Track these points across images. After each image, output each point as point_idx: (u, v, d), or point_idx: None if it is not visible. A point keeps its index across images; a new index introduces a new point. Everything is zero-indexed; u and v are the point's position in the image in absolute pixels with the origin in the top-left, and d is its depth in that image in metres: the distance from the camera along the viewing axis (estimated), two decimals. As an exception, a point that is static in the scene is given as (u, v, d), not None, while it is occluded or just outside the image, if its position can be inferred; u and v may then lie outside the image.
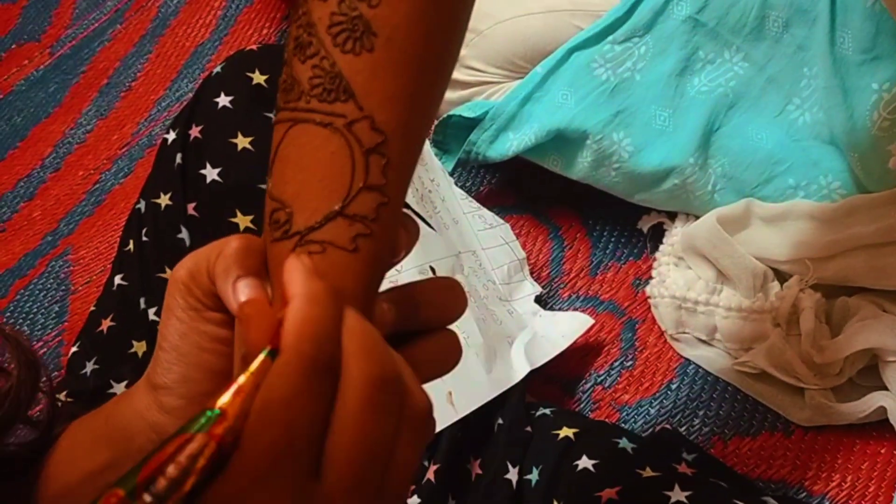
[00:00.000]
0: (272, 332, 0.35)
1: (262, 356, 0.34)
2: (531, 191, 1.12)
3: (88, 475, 0.55)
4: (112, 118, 1.34)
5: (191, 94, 1.32)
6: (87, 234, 1.24)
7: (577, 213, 1.10)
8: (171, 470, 0.32)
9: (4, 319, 1.16)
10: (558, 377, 0.99)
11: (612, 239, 1.07)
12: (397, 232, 0.42)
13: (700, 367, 0.98)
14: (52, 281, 1.20)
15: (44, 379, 0.57)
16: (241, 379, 0.34)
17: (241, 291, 0.39)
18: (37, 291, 1.20)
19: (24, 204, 1.28)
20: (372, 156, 0.39)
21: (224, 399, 0.33)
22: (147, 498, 0.31)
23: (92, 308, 0.86)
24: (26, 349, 0.58)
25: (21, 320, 1.17)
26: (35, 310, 1.19)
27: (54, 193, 1.29)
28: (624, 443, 0.82)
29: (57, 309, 1.18)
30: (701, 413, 0.95)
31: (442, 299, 0.43)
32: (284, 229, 0.39)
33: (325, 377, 0.34)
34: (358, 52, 0.39)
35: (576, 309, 1.02)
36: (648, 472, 0.77)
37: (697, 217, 0.98)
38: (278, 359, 0.34)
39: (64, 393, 0.80)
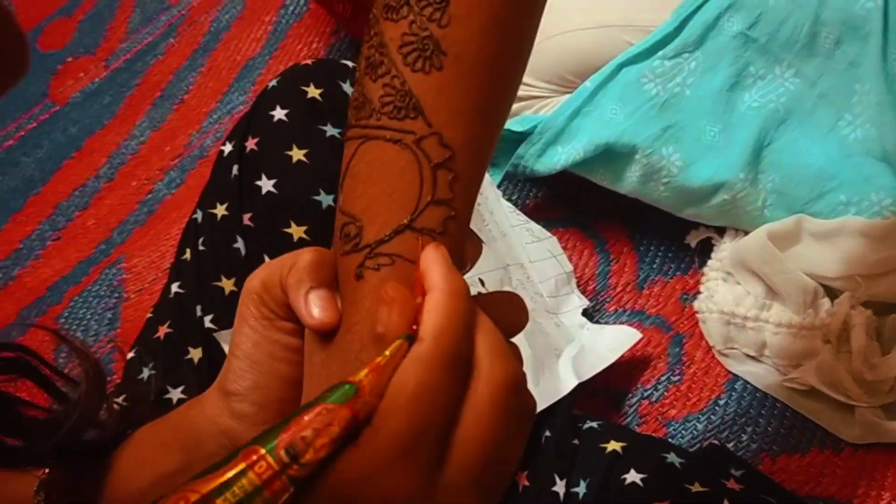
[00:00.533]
0: (411, 319, 0.36)
1: (400, 340, 0.36)
2: (578, 204, 1.12)
3: (160, 477, 0.56)
4: (165, 130, 1.37)
5: (242, 108, 1.36)
6: (139, 242, 1.26)
7: (624, 227, 1.10)
8: (309, 434, 0.34)
9: (59, 325, 1.19)
10: (605, 391, 0.99)
11: (659, 253, 1.07)
12: (464, 245, 0.43)
13: (748, 382, 0.97)
14: (105, 288, 1.23)
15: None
16: (379, 358, 0.36)
17: (313, 303, 0.40)
18: (90, 298, 1.22)
19: (78, 213, 1.31)
20: (440, 171, 0.40)
21: (362, 375, 0.35)
22: (285, 457, 0.33)
23: (149, 315, 0.87)
24: (92, 359, 0.60)
25: (75, 326, 1.20)
26: (89, 316, 1.21)
27: (108, 203, 1.31)
28: (672, 457, 0.81)
29: (110, 316, 1.21)
30: (749, 429, 0.95)
31: (504, 313, 0.44)
32: (354, 242, 0.41)
33: (459, 371, 0.36)
34: (427, 71, 0.40)
35: (622, 323, 1.02)
36: (697, 488, 0.77)
37: (746, 232, 0.98)
38: (418, 346, 0.36)
39: (122, 397, 0.82)
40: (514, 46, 0.43)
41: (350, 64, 0.88)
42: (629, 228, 1.10)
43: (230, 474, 0.33)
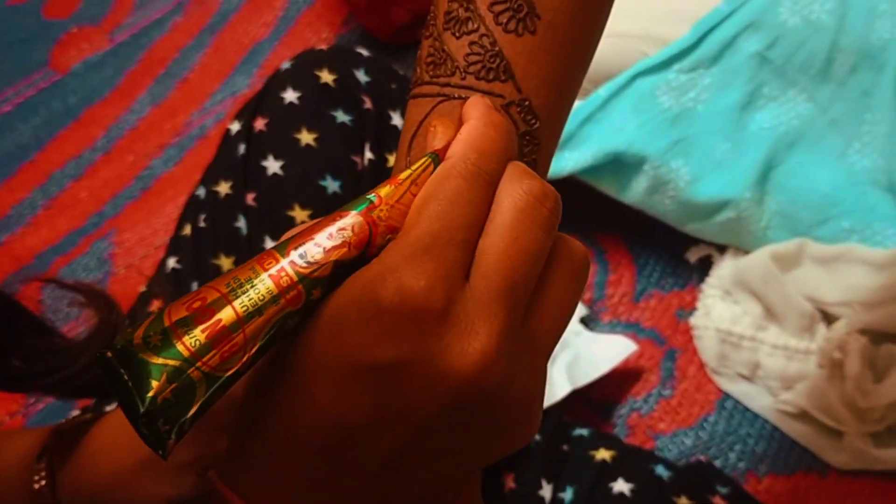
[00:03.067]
0: (446, 146, 0.36)
1: (424, 158, 0.35)
2: (579, 212, 1.12)
3: (143, 460, 0.56)
4: (165, 107, 1.36)
5: (245, 90, 1.35)
6: (132, 217, 1.25)
7: (624, 238, 1.10)
8: (322, 238, 0.33)
9: (44, 296, 1.17)
10: (595, 399, 0.99)
11: (658, 267, 1.07)
12: None
13: (739, 402, 0.97)
14: (94, 261, 1.21)
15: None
16: (401, 175, 0.35)
17: None
18: (78, 270, 1.21)
19: (71, 182, 1.29)
20: (525, 139, 0.39)
21: (382, 189, 0.34)
22: (299, 261, 0.32)
23: (142, 289, 0.86)
24: (102, 293, 0.59)
25: (60, 297, 1.18)
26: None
27: (102, 176, 1.30)
28: (660, 470, 0.81)
29: (96, 289, 1.19)
30: (737, 448, 0.95)
31: None
32: None
33: (485, 187, 0.34)
34: (520, 34, 0.39)
35: (616, 334, 1.02)
36: (684, 501, 0.77)
37: (747, 252, 0.98)
38: (445, 161, 0.35)
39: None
40: (600, 20, 0.42)
41: (365, 53, 0.87)
42: (629, 240, 1.10)
43: (246, 277, 0.32)
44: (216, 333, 0.31)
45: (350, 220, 0.33)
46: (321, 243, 0.33)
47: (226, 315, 0.31)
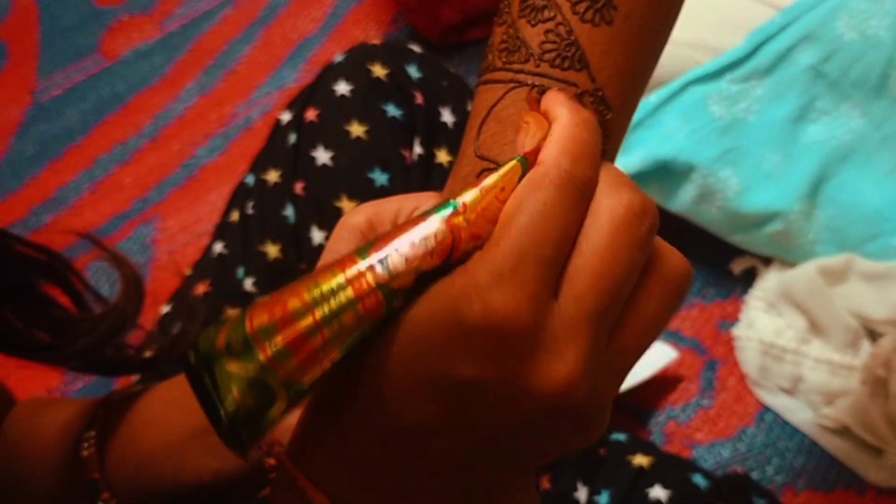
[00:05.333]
0: (536, 149, 0.34)
1: (513, 162, 0.34)
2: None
3: (192, 432, 0.56)
4: (212, 97, 1.37)
5: (292, 84, 1.36)
6: (176, 205, 1.26)
7: (667, 247, 1.09)
8: (404, 246, 0.32)
9: (88, 275, 1.18)
10: (632, 406, 0.99)
11: (700, 277, 1.07)
12: None
13: (778, 415, 0.96)
14: (136, 246, 1.22)
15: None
16: (488, 180, 0.33)
17: None
18: (121, 254, 1.21)
19: (117, 167, 1.31)
20: None
21: (467, 195, 0.33)
22: (379, 269, 0.31)
23: (188, 272, 0.87)
24: (131, 266, 0.60)
25: (102, 281, 1.19)
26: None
27: (148, 162, 1.31)
28: (698, 479, 0.81)
29: (137, 273, 1.20)
30: (775, 461, 0.94)
31: None
32: None
33: (579, 198, 0.33)
34: (597, 24, 0.39)
35: (657, 342, 1.02)
36: (721, 511, 0.77)
37: (793, 265, 0.98)
38: (536, 168, 0.33)
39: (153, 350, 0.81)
40: (673, 14, 0.42)
41: (417, 49, 0.88)
42: (672, 249, 1.09)
43: (326, 283, 0.31)
44: (295, 340, 0.31)
45: (433, 228, 0.32)
46: (403, 251, 0.32)
47: (305, 322, 0.31)
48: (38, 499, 0.59)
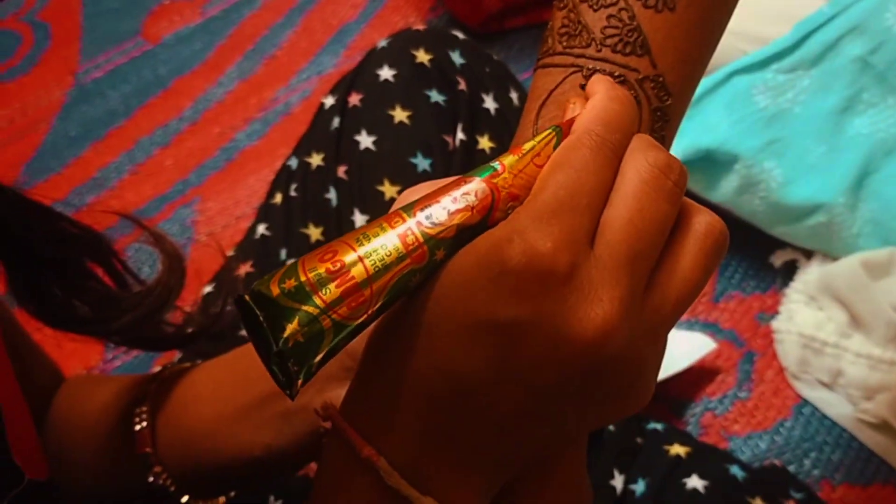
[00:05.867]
0: (570, 120, 0.37)
1: (548, 131, 0.36)
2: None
3: (244, 408, 0.56)
4: (253, 82, 1.38)
5: (332, 70, 1.36)
6: (215, 187, 1.27)
7: (707, 238, 1.09)
8: (447, 202, 0.34)
9: (128, 257, 1.19)
10: (669, 396, 0.98)
11: (740, 269, 1.06)
12: None
13: (816, 409, 0.96)
14: (176, 227, 1.24)
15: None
16: (525, 146, 0.36)
17: None
18: (161, 235, 1.23)
19: (158, 150, 1.32)
20: (657, 114, 0.40)
21: (506, 158, 0.35)
22: (424, 222, 0.34)
23: (230, 253, 0.87)
24: (172, 243, 0.61)
25: (142, 262, 1.21)
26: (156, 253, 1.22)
27: (188, 145, 1.32)
28: (735, 470, 0.80)
29: (178, 254, 1.21)
30: (812, 455, 0.94)
31: None
32: None
33: (611, 158, 0.35)
34: (660, 10, 0.39)
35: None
36: (758, 503, 0.76)
37: (835, 258, 0.97)
38: (571, 134, 0.36)
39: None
40: (733, 2, 0.43)
41: (461, 35, 0.88)
42: (711, 240, 1.08)
43: (375, 235, 0.34)
44: (347, 286, 0.33)
45: (474, 186, 0.35)
46: (446, 206, 0.34)
47: (357, 270, 0.33)
48: (88, 472, 0.60)
